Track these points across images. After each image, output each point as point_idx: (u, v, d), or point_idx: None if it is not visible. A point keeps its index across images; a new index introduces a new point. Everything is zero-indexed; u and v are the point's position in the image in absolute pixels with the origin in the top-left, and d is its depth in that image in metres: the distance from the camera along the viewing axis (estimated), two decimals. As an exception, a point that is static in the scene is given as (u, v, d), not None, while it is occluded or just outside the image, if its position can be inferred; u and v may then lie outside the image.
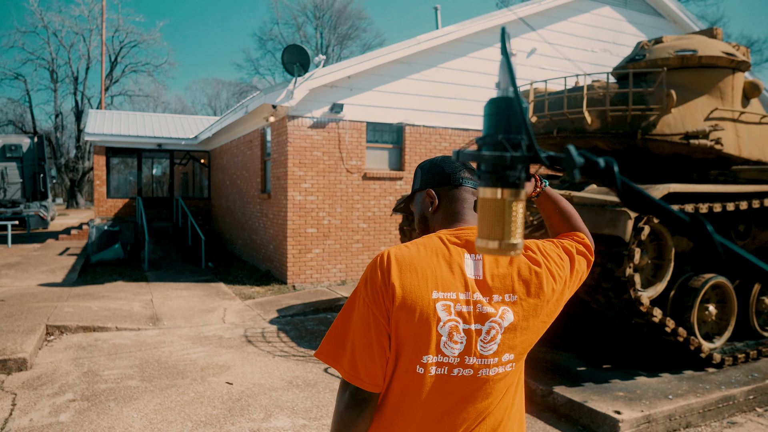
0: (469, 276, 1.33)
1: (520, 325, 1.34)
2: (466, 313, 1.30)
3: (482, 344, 1.30)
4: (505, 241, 0.64)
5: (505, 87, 0.64)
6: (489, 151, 0.62)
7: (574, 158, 0.55)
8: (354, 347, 1.31)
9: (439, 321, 1.29)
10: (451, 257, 1.34)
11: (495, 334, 1.31)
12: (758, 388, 4.62)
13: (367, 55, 9.99)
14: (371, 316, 1.31)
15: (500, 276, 1.35)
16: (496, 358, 1.32)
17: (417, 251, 1.34)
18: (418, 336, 1.28)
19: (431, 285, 1.30)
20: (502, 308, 1.33)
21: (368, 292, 1.33)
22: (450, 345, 1.29)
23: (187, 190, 19.03)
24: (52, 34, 40.46)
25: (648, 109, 5.46)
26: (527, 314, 1.34)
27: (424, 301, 1.29)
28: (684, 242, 5.23)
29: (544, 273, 1.36)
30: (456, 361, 1.29)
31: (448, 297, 1.31)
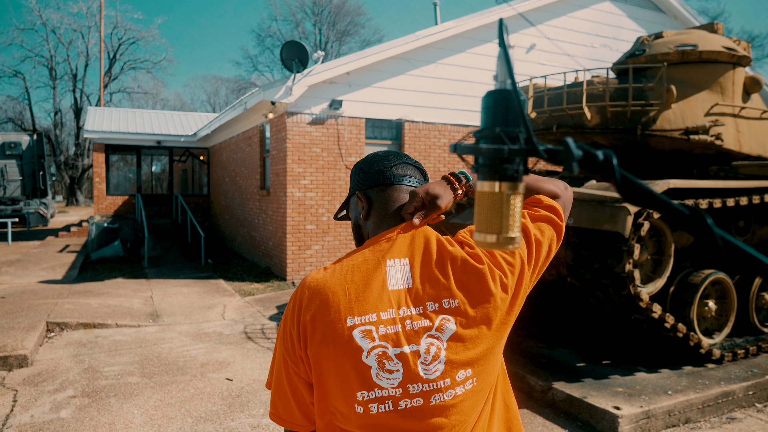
0: (393, 287, 1.14)
1: (467, 335, 1.12)
2: (393, 335, 1.10)
3: (424, 367, 1.10)
4: (503, 235, 0.64)
5: (503, 79, 0.64)
6: (487, 144, 0.61)
7: (572, 151, 0.55)
8: (274, 386, 1.23)
9: (360, 351, 1.09)
10: (370, 270, 1.15)
11: (437, 351, 1.11)
12: (758, 384, 4.63)
13: (365, 51, 9.97)
14: (283, 361, 1.19)
15: (433, 279, 1.15)
16: (447, 380, 1.10)
17: (332, 273, 1.17)
18: (343, 373, 1.10)
19: (344, 311, 1.11)
20: (440, 318, 1.12)
21: (280, 334, 1.21)
22: (384, 376, 1.09)
23: (187, 187, 19.02)
24: (51, 31, 40.39)
25: (648, 105, 5.45)
26: (474, 320, 1.13)
27: (336, 332, 1.10)
28: (684, 238, 5.23)
29: (487, 269, 1.15)
30: (398, 392, 1.09)
31: (366, 320, 1.11)
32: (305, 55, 9.22)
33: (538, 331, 6.23)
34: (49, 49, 40.74)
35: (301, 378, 1.17)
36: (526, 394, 4.72)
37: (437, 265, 1.16)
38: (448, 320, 1.12)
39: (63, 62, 46.01)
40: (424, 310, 1.13)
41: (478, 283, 1.15)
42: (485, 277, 1.15)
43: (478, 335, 1.13)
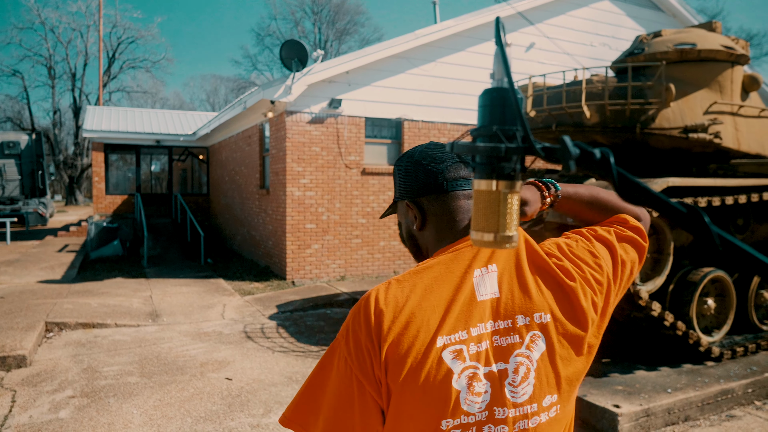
0: (481, 297, 1.02)
1: (558, 356, 1.02)
2: (484, 353, 0.99)
3: (512, 389, 0.99)
4: (501, 234, 0.64)
5: (499, 78, 0.63)
6: (484, 142, 0.61)
7: (569, 149, 0.54)
8: (328, 419, 1.02)
9: (451, 374, 0.97)
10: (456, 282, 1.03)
11: (526, 371, 1.00)
12: (757, 382, 4.63)
13: (365, 50, 9.97)
14: (356, 384, 1.01)
15: (524, 290, 1.04)
16: (534, 405, 1.00)
17: (411, 290, 1.02)
18: (431, 402, 0.97)
19: (433, 330, 0.99)
20: (531, 334, 1.01)
21: (353, 355, 1.01)
22: (472, 400, 0.98)
23: (186, 186, 19.01)
24: (50, 30, 40.36)
25: (647, 103, 5.45)
26: (565, 340, 1.03)
27: (427, 356, 0.97)
28: (683, 236, 5.23)
29: (579, 286, 1.05)
30: (484, 416, 0.98)
31: (457, 339, 0.99)
32: (305, 54, 9.22)
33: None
34: (48, 48, 40.73)
35: (377, 405, 1.01)
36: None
37: (528, 274, 1.05)
38: (539, 337, 1.01)
39: (62, 61, 45.98)
40: (514, 324, 1.02)
41: (570, 299, 1.04)
42: (577, 294, 1.04)
43: (569, 357, 1.03)
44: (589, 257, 1.10)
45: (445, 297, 1.01)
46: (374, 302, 1.02)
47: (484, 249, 1.05)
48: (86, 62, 41.44)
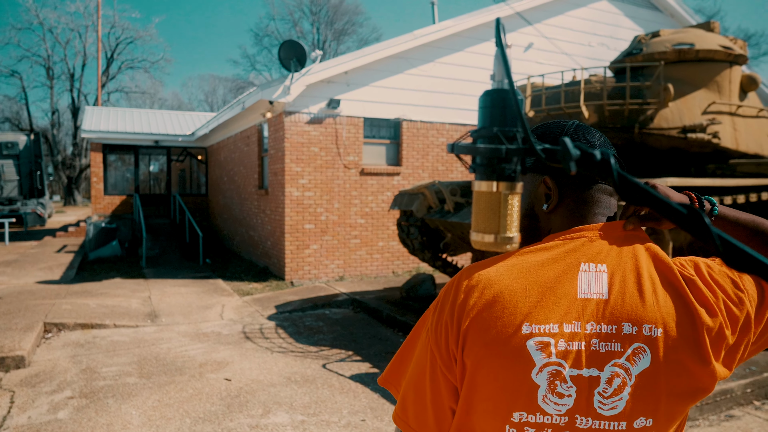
0: (583, 295, 0.94)
1: (664, 376, 0.91)
2: (574, 353, 0.91)
3: (601, 399, 0.91)
4: (501, 235, 0.64)
5: (500, 79, 0.63)
6: (484, 143, 0.61)
7: (570, 150, 0.55)
8: (408, 385, 1.05)
9: (532, 365, 0.91)
10: (559, 272, 0.95)
11: (621, 384, 0.91)
12: (756, 382, 4.64)
13: (363, 50, 9.97)
14: (429, 357, 1.00)
15: (638, 296, 0.93)
16: (624, 423, 0.91)
17: (507, 270, 0.96)
18: (503, 387, 0.92)
19: (521, 316, 0.92)
20: (635, 345, 0.91)
21: (433, 326, 1.01)
22: (552, 399, 0.91)
23: (185, 186, 19.00)
24: (48, 30, 40.30)
25: (645, 103, 5.46)
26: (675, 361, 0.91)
27: (508, 338, 0.92)
28: (681, 237, 5.24)
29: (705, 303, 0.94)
30: (563, 421, 0.91)
31: (545, 331, 0.92)
32: (303, 55, 9.22)
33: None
34: (46, 49, 40.68)
35: (448, 381, 0.99)
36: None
37: (647, 281, 0.94)
38: (644, 351, 0.91)
39: (60, 62, 45.92)
40: (618, 331, 0.92)
41: (693, 322, 0.92)
42: (699, 312, 0.92)
43: (675, 384, 0.92)
44: (730, 286, 0.96)
45: (542, 283, 0.94)
46: (466, 278, 0.98)
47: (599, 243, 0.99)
48: (85, 63, 41.40)
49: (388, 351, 5.97)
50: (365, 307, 7.87)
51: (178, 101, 56.12)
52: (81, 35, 41.30)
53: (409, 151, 10.57)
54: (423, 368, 1.01)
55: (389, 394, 4.72)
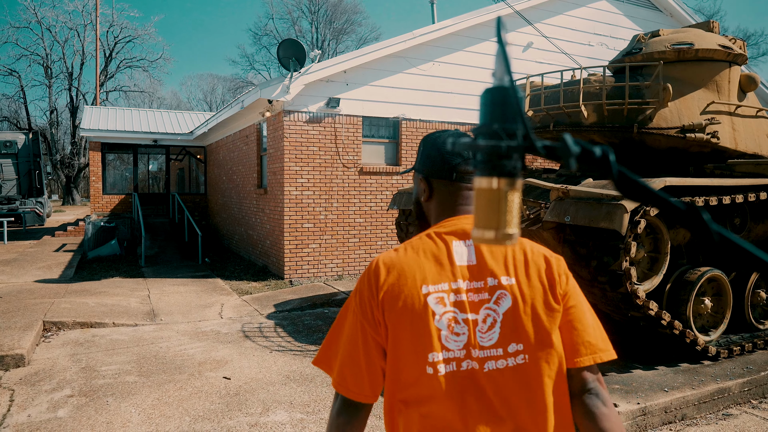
0: (460, 263, 1.28)
1: (520, 310, 1.24)
2: (461, 302, 1.25)
3: (481, 334, 1.23)
4: (501, 231, 0.64)
5: (500, 76, 0.64)
6: (485, 140, 0.61)
7: (570, 147, 0.55)
8: (343, 357, 1.30)
9: (434, 315, 1.23)
10: (438, 250, 1.30)
11: (492, 322, 1.24)
12: (753, 380, 4.65)
13: (363, 49, 9.97)
14: (359, 327, 1.29)
15: (495, 258, 1.29)
16: (500, 349, 1.23)
17: (404, 253, 1.31)
18: (418, 335, 1.22)
19: (419, 281, 1.26)
20: (498, 292, 1.25)
21: (358, 304, 1.31)
22: (452, 338, 1.23)
23: (184, 185, 18.99)
24: (46, 29, 40.25)
25: (644, 103, 5.47)
26: (525, 296, 1.25)
27: (414, 298, 1.24)
28: (680, 236, 5.25)
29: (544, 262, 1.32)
30: (462, 354, 1.22)
31: (439, 289, 1.25)
32: (302, 54, 9.22)
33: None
34: (45, 48, 40.63)
35: (377, 343, 1.28)
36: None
37: (500, 248, 1.30)
38: (505, 295, 1.26)
39: (59, 60, 45.85)
40: (485, 285, 1.27)
41: (536, 271, 1.30)
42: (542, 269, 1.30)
43: (529, 316, 1.25)
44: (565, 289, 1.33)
45: (430, 258, 1.29)
46: (375, 264, 1.32)
47: (462, 225, 1.33)
48: (83, 61, 41.36)
49: (387, 350, 5.98)
50: (364, 306, 7.88)
51: (176, 100, 56.11)
52: (79, 34, 41.27)
53: (408, 151, 10.57)
54: (355, 340, 1.29)
55: (388, 393, 4.72)
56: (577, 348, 1.29)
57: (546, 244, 5.24)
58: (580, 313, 1.31)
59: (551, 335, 1.26)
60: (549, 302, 1.27)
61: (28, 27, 40.22)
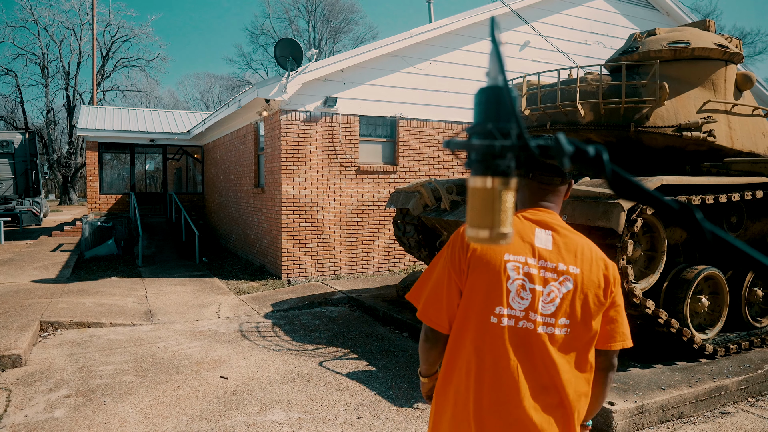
0: (538, 245, 1.62)
1: (577, 295, 1.60)
2: (532, 275, 1.59)
3: (543, 303, 1.58)
4: (496, 230, 0.64)
5: (494, 76, 0.64)
6: (479, 140, 0.62)
7: (563, 146, 0.55)
8: (429, 294, 1.69)
9: (509, 278, 1.59)
10: (524, 229, 1.64)
11: (554, 296, 1.59)
12: (750, 378, 4.66)
13: (360, 48, 9.96)
14: (446, 273, 1.66)
15: (569, 250, 1.64)
16: (553, 319, 1.58)
17: None
18: (492, 290, 1.58)
19: (504, 249, 1.60)
20: (564, 276, 1.61)
21: (449, 256, 1.67)
22: (518, 300, 1.58)
23: (181, 185, 18.96)
24: (43, 28, 40.12)
25: (641, 102, 5.47)
26: (582, 290, 1.60)
27: (496, 261, 1.60)
28: (677, 234, 5.26)
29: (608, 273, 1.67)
30: (522, 314, 1.58)
31: (518, 259, 1.60)
32: (299, 53, 9.21)
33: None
34: (41, 47, 40.51)
35: (457, 286, 1.64)
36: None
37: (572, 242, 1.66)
38: (569, 280, 1.60)
39: (55, 60, 45.77)
40: (555, 267, 1.61)
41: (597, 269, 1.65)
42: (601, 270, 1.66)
43: (582, 302, 1.60)
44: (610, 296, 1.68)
45: (516, 234, 1.63)
46: None
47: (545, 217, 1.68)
48: (80, 61, 41.26)
49: (385, 349, 5.98)
50: (361, 306, 7.88)
51: (174, 100, 56.02)
52: (76, 33, 41.16)
53: (405, 150, 10.57)
54: (441, 282, 1.67)
55: (385, 392, 4.73)
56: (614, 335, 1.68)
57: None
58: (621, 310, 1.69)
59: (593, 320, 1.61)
60: (599, 296, 1.62)
61: (24, 26, 40.12)
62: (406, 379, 5.06)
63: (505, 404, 1.57)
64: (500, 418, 1.56)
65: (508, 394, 1.57)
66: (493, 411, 1.57)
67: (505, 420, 1.56)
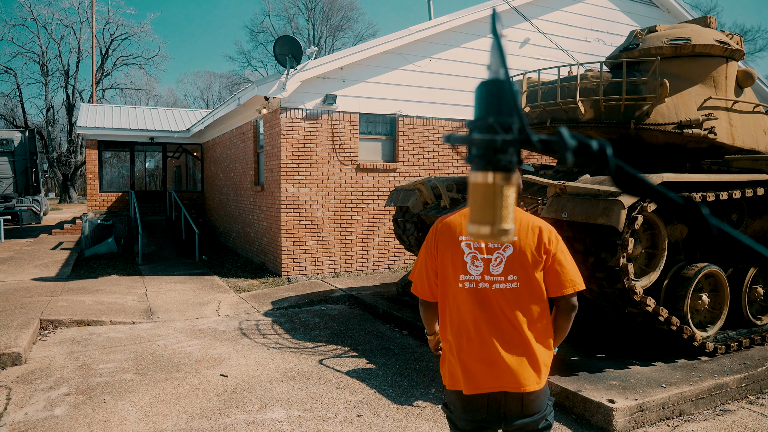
0: None
1: (517, 256, 2.12)
2: (481, 248, 2.14)
3: (492, 267, 2.12)
4: (497, 226, 0.63)
5: (495, 69, 0.63)
6: (480, 134, 0.60)
7: (566, 141, 0.54)
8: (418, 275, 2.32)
9: (464, 253, 2.15)
10: None
11: (500, 261, 2.12)
12: (750, 376, 4.65)
13: (359, 46, 9.94)
14: (424, 258, 2.29)
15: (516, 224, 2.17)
16: (502, 278, 2.11)
17: (454, 216, 2.26)
18: (455, 264, 2.16)
19: (458, 233, 2.19)
20: (505, 245, 2.13)
21: (425, 246, 2.30)
22: (473, 268, 2.13)
23: (180, 183, 18.94)
24: (42, 27, 40.07)
25: (641, 99, 5.46)
26: (522, 249, 2.12)
27: (454, 242, 2.18)
28: (677, 231, 5.25)
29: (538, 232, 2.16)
30: (479, 278, 2.12)
31: (468, 239, 2.14)
32: (299, 51, 9.19)
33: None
34: (41, 45, 40.47)
35: (433, 267, 2.25)
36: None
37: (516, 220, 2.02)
38: (509, 247, 2.13)
39: (55, 58, 45.67)
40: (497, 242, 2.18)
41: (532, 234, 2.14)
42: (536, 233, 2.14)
43: (522, 261, 2.11)
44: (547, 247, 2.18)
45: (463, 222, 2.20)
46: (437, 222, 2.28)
47: None
48: (79, 59, 41.21)
49: (385, 346, 5.98)
50: (361, 303, 7.87)
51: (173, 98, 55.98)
52: (75, 31, 41.10)
53: (405, 147, 10.56)
54: (423, 265, 2.29)
55: (385, 390, 4.73)
56: (563, 283, 2.15)
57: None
58: (565, 263, 2.16)
59: (534, 273, 2.13)
60: (535, 255, 2.12)
61: (23, 24, 40.08)
62: (406, 377, 5.05)
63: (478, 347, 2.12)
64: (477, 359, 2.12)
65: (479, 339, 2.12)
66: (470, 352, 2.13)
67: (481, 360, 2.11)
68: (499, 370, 2.08)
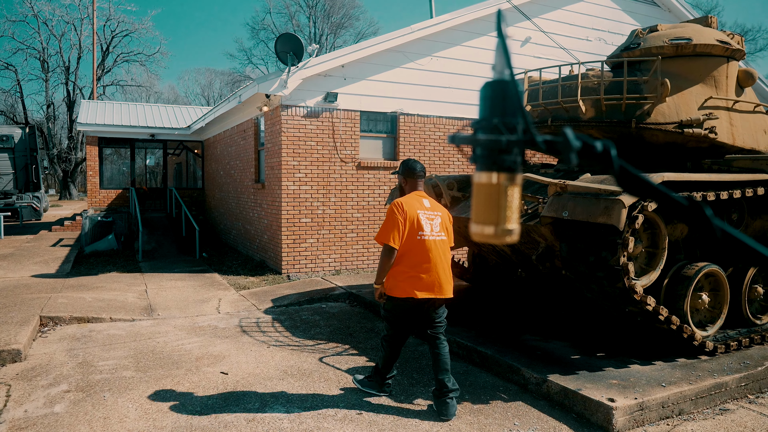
0: (426, 205, 4.28)
1: (443, 222, 4.31)
2: (427, 217, 4.22)
3: (434, 227, 4.22)
4: (501, 227, 0.63)
5: (500, 70, 0.63)
6: (484, 134, 0.61)
7: (571, 141, 0.54)
8: (391, 230, 4.12)
9: (420, 220, 4.17)
10: (419, 200, 4.29)
11: (437, 223, 4.25)
12: (750, 376, 4.66)
13: (360, 44, 9.93)
14: (397, 220, 4.12)
15: (434, 207, 4.34)
16: (441, 233, 4.26)
17: (407, 199, 4.27)
18: (414, 226, 4.15)
19: (416, 208, 4.21)
20: (436, 215, 4.29)
21: (398, 212, 4.13)
22: (426, 227, 4.18)
23: (181, 180, 18.94)
24: (43, 23, 40.03)
25: (642, 98, 5.46)
26: (444, 219, 4.33)
27: (414, 214, 4.18)
28: (677, 231, 5.25)
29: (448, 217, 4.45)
30: (429, 233, 4.17)
31: (420, 212, 4.21)
32: (300, 48, 9.18)
33: (533, 324, 6.25)
34: (41, 42, 40.41)
35: (402, 227, 4.13)
36: (521, 387, 4.74)
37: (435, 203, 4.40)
38: (438, 216, 4.31)
39: (55, 55, 45.71)
40: (434, 213, 4.30)
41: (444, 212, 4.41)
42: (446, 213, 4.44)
43: (445, 224, 4.34)
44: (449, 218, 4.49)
45: (416, 201, 4.29)
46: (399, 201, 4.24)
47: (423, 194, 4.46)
48: (80, 55, 41.17)
49: (385, 345, 5.98)
50: (362, 301, 7.87)
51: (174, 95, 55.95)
52: (76, 28, 41.05)
53: (406, 145, 10.55)
54: (396, 224, 4.15)
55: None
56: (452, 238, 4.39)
57: (544, 239, 5.24)
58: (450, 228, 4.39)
59: (449, 232, 4.35)
60: (446, 223, 4.35)
61: (24, 21, 40.02)
62: (406, 375, 5.06)
63: (427, 272, 4.13)
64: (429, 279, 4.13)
65: (429, 268, 4.13)
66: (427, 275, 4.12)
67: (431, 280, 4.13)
68: (439, 285, 4.15)
